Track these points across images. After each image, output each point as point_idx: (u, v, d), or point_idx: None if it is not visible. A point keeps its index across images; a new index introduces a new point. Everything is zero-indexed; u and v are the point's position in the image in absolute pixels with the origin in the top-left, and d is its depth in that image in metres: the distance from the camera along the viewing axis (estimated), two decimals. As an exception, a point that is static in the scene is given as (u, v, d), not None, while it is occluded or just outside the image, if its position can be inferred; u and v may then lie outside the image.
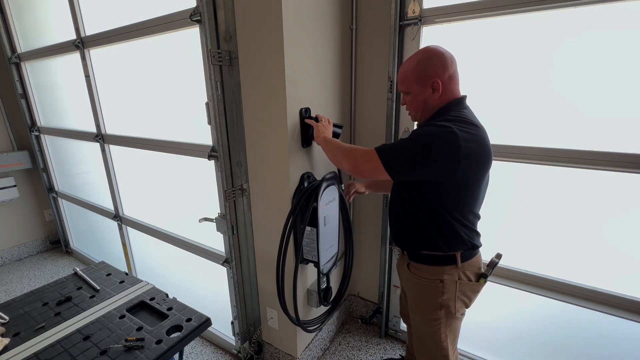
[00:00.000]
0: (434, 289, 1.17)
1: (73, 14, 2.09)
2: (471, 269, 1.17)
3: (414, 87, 1.11)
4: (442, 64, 1.06)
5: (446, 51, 1.08)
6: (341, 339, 2.06)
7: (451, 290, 1.16)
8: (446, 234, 1.12)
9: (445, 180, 1.04)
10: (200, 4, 1.30)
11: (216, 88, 1.38)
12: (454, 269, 1.15)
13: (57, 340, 1.22)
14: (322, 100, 1.55)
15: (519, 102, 1.40)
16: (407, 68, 1.11)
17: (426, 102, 1.11)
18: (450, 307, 1.17)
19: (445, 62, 1.07)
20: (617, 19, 1.17)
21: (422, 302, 1.23)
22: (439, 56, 1.07)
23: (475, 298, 1.23)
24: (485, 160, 1.06)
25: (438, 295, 1.17)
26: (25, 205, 3.16)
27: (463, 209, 1.10)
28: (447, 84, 1.08)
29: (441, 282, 1.16)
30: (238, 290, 1.69)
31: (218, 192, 1.66)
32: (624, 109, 1.23)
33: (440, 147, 0.98)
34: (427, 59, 1.07)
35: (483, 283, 1.19)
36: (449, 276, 1.15)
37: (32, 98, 2.82)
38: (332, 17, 1.53)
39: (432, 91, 1.08)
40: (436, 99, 1.09)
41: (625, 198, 1.30)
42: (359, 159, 1.13)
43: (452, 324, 1.22)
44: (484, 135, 1.06)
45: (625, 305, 1.35)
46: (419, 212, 1.15)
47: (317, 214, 1.41)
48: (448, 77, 1.07)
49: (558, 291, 1.47)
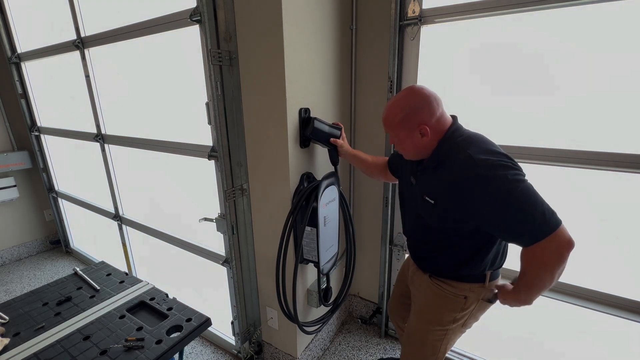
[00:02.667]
0: (456, 304, 1.13)
1: (73, 14, 2.09)
2: (493, 288, 1.13)
3: (401, 133, 1.06)
4: (428, 110, 1.01)
5: (431, 93, 1.02)
6: (341, 339, 2.07)
7: (471, 307, 1.14)
8: (489, 259, 1.08)
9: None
10: (200, 4, 1.30)
11: (216, 88, 1.38)
12: (481, 287, 1.11)
13: (57, 340, 1.22)
14: (322, 101, 1.55)
15: (519, 101, 1.40)
16: (392, 114, 1.05)
17: (417, 146, 1.06)
18: (462, 321, 1.16)
19: (431, 106, 1.01)
20: (617, 19, 1.17)
21: (437, 312, 1.18)
22: (424, 101, 1.01)
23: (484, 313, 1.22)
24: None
25: (458, 311, 1.14)
26: (25, 205, 3.16)
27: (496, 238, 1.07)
28: (436, 126, 1.03)
29: (465, 298, 1.12)
30: (238, 290, 1.69)
31: (218, 192, 1.66)
32: (624, 109, 1.23)
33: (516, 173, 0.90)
34: (413, 107, 1.01)
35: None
36: (473, 294, 1.12)
37: (32, 98, 2.82)
38: (332, 17, 1.53)
39: (421, 136, 1.03)
40: (427, 142, 1.04)
41: (625, 198, 1.30)
42: (554, 254, 0.88)
43: (456, 336, 1.21)
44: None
45: (625, 305, 1.35)
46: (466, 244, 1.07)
47: (317, 214, 1.41)
48: (436, 120, 1.02)
49: (558, 291, 1.47)
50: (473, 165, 0.93)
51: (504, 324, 1.71)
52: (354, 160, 1.50)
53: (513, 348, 1.73)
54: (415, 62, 1.59)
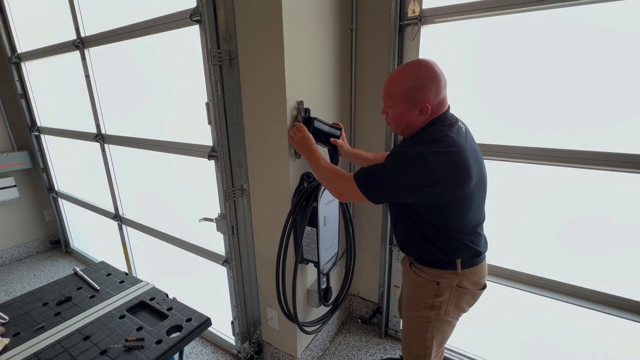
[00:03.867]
0: (429, 289, 1.18)
1: (73, 14, 2.09)
2: (472, 277, 1.16)
3: (400, 105, 1.04)
4: (435, 89, 1.01)
5: (441, 71, 1.02)
6: (341, 339, 2.06)
7: (446, 294, 1.16)
8: (441, 246, 1.12)
9: (425, 201, 1.04)
10: (200, 4, 1.30)
11: (216, 88, 1.38)
12: (453, 274, 1.14)
13: (57, 340, 1.22)
14: (322, 100, 1.55)
15: (519, 101, 1.40)
16: (398, 84, 1.03)
17: (410, 122, 1.06)
18: (441, 309, 1.17)
19: (439, 85, 1.01)
20: (617, 19, 1.17)
21: (415, 299, 1.23)
22: (433, 79, 1.00)
23: (473, 305, 1.23)
24: (464, 178, 0.99)
25: (432, 296, 1.17)
26: (25, 205, 3.16)
27: (457, 222, 1.09)
28: (435, 107, 1.03)
29: (438, 284, 1.16)
30: (238, 290, 1.69)
31: (218, 192, 1.66)
32: (623, 109, 1.23)
33: (411, 174, 0.98)
34: (422, 81, 1.00)
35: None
36: (446, 280, 1.15)
37: (32, 98, 2.82)
38: (332, 17, 1.53)
39: (419, 113, 1.03)
40: (422, 121, 1.05)
41: (625, 198, 1.30)
42: (340, 187, 1.13)
43: (441, 326, 1.21)
44: (461, 152, 0.98)
45: (625, 305, 1.35)
46: (412, 228, 1.16)
47: (317, 214, 1.42)
48: (438, 101, 1.03)
49: (558, 291, 1.47)
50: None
51: (504, 324, 1.71)
52: (356, 159, 1.50)
53: (513, 348, 1.73)
54: (415, 62, 1.59)
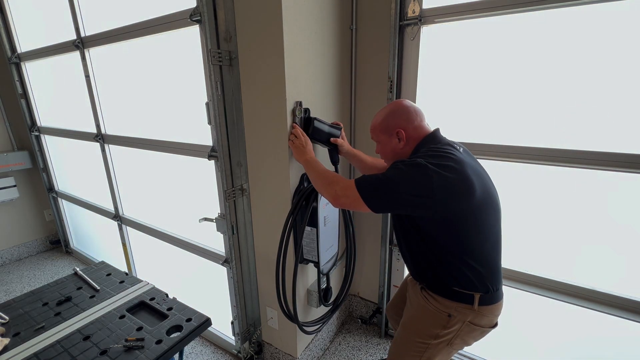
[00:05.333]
0: (439, 320, 1.12)
1: (73, 14, 2.09)
2: (488, 315, 1.10)
3: (381, 137, 1.19)
4: (406, 117, 1.14)
5: (411, 105, 1.16)
6: (341, 339, 2.07)
7: (455, 327, 1.10)
8: (456, 276, 1.07)
9: (427, 215, 1.01)
10: (200, 4, 1.30)
11: (216, 88, 1.38)
12: (468, 309, 1.08)
13: (57, 340, 1.22)
14: (322, 100, 1.55)
15: (519, 101, 1.40)
16: (376, 120, 1.20)
17: (394, 150, 1.17)
18: (445, 339, 1.13)
19: (410, 115, 1.14)
20: (617, 18, 1.17)
21: (419, 324, 1.18)
22: (404, 110, 1.15)
23: (478, 340, 1.18)
24: (466, 189, 0.98)
25: (439, 327, 1.12)
26: (25, 205, 3.16)
27: (469, 248, 1.04)
28: (412, 133, 1.13)
29: (449, 316, 1.10)
30: (238, 290, 1.69)
31: (218, 192, 1.66)
32: (623, 109, 1.23)
33: (411, 182, 0.97)
34: (393, 112, 1.15)
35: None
36: (459, 314, 1.09)
37: (32, 98, 2.82)
38: (332, 17, 1.53)
39: (397, 140, 1.15)
40: (402, 147, 1.15)
41: (625, 198, 1.30)
42: (339, 191, 1.11)
43: (439, 354, 1.17)
44: (461, 165, 0.99)
45: (625, 305, 1.35)
46: (428, 254, 1.11)
47: (317, 213, 1.42)
48: (413, 128, 1.13)
49: (558, 291, 1.47)
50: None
51: (504, 324, 1.71)
52: (354, 160, 1.50)
53: (513, 348, 1.73)
54: (415, 62, 1.59)
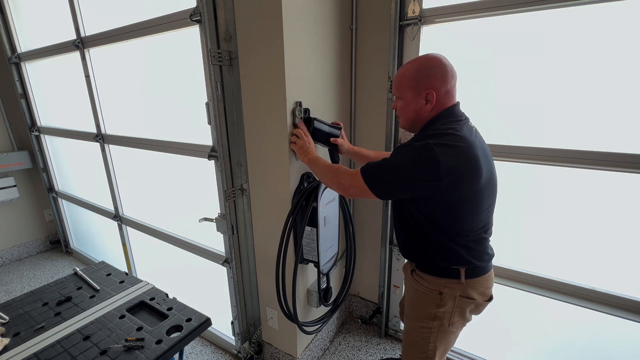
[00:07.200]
0: (432, 299, 1.14)
1: (73, 14, 2.09)
2: (478, 288, 1.12)
3: (407, 93, 1.06)
4: (441, 77, 1.01)
5: (449, 63, 1.02)
6: (341, 339, 2.06)
7: (449, 304, 1.12)
8: (444, 253, 1.09)
9: (432, 197, 1.00)
10: (200, 4, 1.30)
11: (216, 88, 1.38)
12: (456, 284, 1.10)
13: (57, 340, 1.22)
14: (322, 100, 1.55)
15: (519, 101, 1.40)
16: (405, 73, 1.05)
17: (417, 113, 1.07)
18: (444, 320, 1.14)
19: (446, 75, 1.01)
20: (617, 18, 1.17)
21: (417, 308, 1.20)
22: (440, 67, 1.01)
23: (478, 314, 1.20)
24: (472, 174, 0.98)
25: (434, 306, 1.14)
26: (25, 205, 3.16)
27: (464, 225, 1.05)
28: (442, 98, 1.03)
29: (440, 294, 1.12)
30: (238, 290, 1.69)
31: (218, 192, 1.66)
32: (623, 109, 1.23)
33: (417, 167, 0.96)
34: (428, 68, 1.01)
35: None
36: (449, 290, 1.11)
37: (32, 98, 2.82)
38: (332, 17, 1.53)
39: (425, 102, 1.04)
40: (428, 111, 1.05)
41: (625, 198, 1.30)
42: (345, 182, 1.10)
43: (444, 336, 1.18)
44: (469, 148, 0.97)
45: (625, 305, 1.35)
46: (418, 232, 1.12)
47: (317, 214, 1.42)
48: (445, 91, 1.02)
49: (558, 291, 1.47)
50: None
51: (504, 324, 1.71)
52: (356, 157, 1.48)
53: (514, 348, 1.73)
54: (415, 62, 1.59)
